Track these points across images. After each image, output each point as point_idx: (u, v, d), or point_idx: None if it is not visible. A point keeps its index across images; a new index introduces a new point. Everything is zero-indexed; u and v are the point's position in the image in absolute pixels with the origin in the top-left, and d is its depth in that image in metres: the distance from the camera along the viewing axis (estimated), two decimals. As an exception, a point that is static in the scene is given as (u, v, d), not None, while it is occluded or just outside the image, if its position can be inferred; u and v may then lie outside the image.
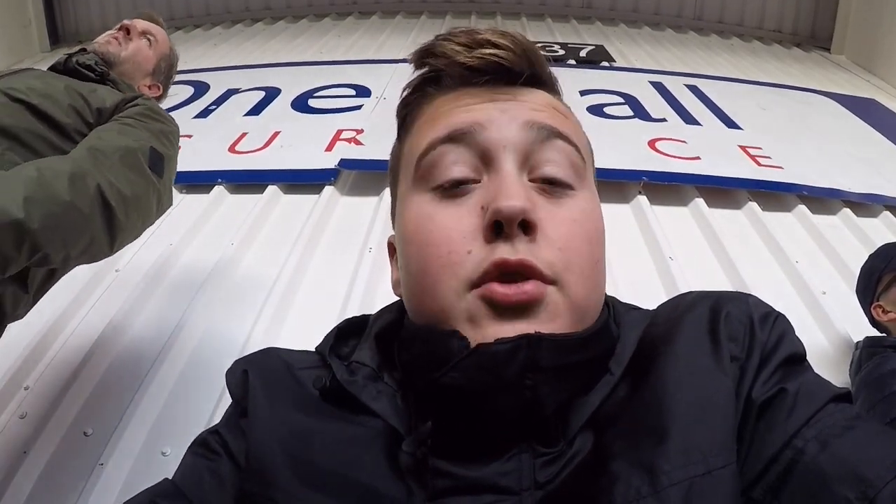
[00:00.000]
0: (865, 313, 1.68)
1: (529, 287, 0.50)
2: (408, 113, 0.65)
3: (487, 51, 0.58)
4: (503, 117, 0.57)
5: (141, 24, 1.66)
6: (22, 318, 1.28)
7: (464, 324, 0.51)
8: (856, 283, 1.74)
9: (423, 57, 0.62)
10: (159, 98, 1.70)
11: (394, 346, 0.61)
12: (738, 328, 0.54)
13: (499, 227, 0.52)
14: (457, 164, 0.56)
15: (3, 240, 0.94)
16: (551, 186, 0.56)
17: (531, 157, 0.56)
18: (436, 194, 0.56)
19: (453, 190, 0.56)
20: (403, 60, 0.64)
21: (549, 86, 0.64)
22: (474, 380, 0.49)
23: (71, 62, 1.50)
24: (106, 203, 1.13)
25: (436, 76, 0.62)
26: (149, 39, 1.65)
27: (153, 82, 1.67)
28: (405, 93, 0.66)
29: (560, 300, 0.52)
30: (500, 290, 0.50)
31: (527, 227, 0.52)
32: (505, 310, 0.50)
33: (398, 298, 0.66)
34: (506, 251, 0.51)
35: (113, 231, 1.16)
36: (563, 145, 0.58)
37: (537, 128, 0.57)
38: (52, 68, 1.51)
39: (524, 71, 0.60)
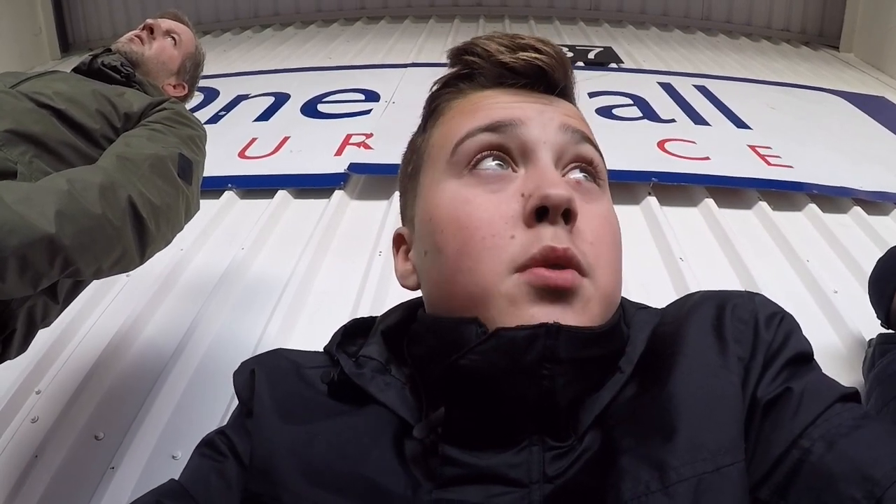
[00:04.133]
0: (877, 309, 1.65)
1: (569, 275, 0.52)
2: (437, 105, 0.66)
3: (531, 54, 0.60)
4: (541, 118, 0.59)
5: (165, 23, 1.64)
6: (51, 324, 1.29)
7: (503, 304, 0.52)
8: (869, 278, 1.71)
9: (460, 54, 0.63)
10: (185, 98, 1.69)
11: (401, 343, 0.62)
12: (743, 328, 0.55)
13: (541, 214, 0.53)
14: (495, 153, 0.58)
15: (35, 255, 0.93)
16: (582, 185, 0.58)
17: (563, 157, 0.58)
18: (472, 179, 0.57)
19: (491, 177, 0.57)
20: (412, 64, 0.65)
21: (574, 102, 0.66)
22: (493, 363, 0.50)
23: (96, 63, 1.48)
24: (137, 214, 1.11)
25: (469, 73, 0.63)
26: (173, 38, 1.63)
27: (178, 82, 1.65)
28: (435, 87, 0.67)
29: (592, 292, 0.53)
30: (546, 273, 0.51)
31: (568, 216, 0.53)
32: (547, 293, 0.51)
33: (402, 301, 0.67)
34: (552, 238, 0.52)
35: (144, 242, 1.15)
36: (592, 150, 0.60)
37: (571, 131, 0.59)
38: (76, 69, 1.49)
39: (560, 81, 0.62)
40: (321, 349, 0.67)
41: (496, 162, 0.57)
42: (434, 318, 0.58)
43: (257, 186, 2.52)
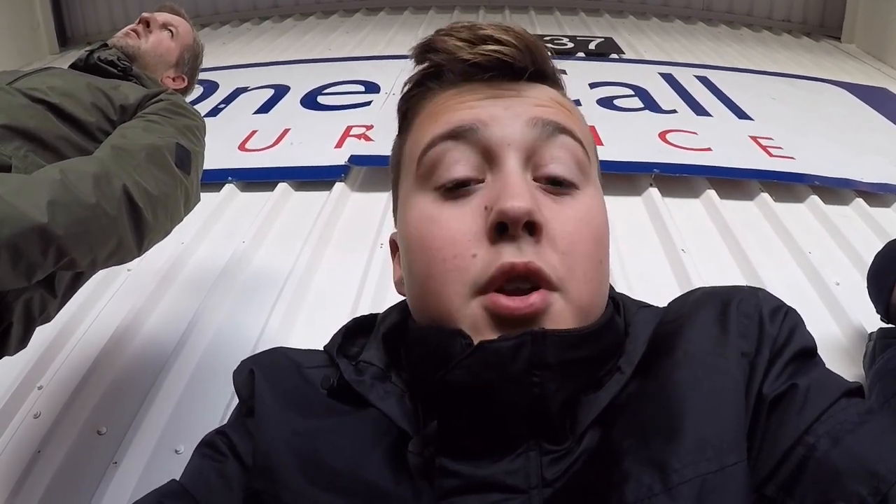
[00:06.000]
0: (876, 303, 1.64)
1: (535, 299, 0.50)
2: (408, 108, 0.64)
3: (490, 47, 0.57)
4: (507, 114, 0.56)
5: (161, 16, 1.64)
6: (51, 320, 1.28)
7: (467, 329, 0.51)
8: (867, 272, 1.70)
9: (423, 52, 0.61)
10: (185, 90, 1.68)
11: (401, 347, 0.61)
12: (748, 324, 0.54)
13: (503, 228, 0.51)
14: (459, 163, 0.55)
15: (28, 246, 0.92)
16: (556, 186, 0.55)
17: (535, 156, 0.55)
18: (437, 194, 0.55)
19: (455, 190, 0.55)
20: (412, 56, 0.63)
21: (553, 80, 0.62)
22: (480, 377, 0.49)
23: (92, 58, 1.47)
24: (133, 204, 1.10)
25: (437, 71, 0.61)
26: (170, 31, 1.62)
27: (177, 74, 1.64)
28: (405, 88, 0.65)
29: (564, 306, 0.51)
30: (506, 303, 0.50)
31: (532, 228, 0.51)
32: (511, 322, 0.50)
33: (401, 300, 0.65)
34: (512, 254, 0.50)
35: (141, 232, 1.14)
36: (568, 141, 0.57)
37: (542, 124, 0.56)
38: (73, 66, 1.49)
39: (527, 67, 0.59)
40: (321, 347, 0.66)
41: (461, 172, 0.55)
42: (420, 330, 0.57)
43: (258, 179, 2.51)
